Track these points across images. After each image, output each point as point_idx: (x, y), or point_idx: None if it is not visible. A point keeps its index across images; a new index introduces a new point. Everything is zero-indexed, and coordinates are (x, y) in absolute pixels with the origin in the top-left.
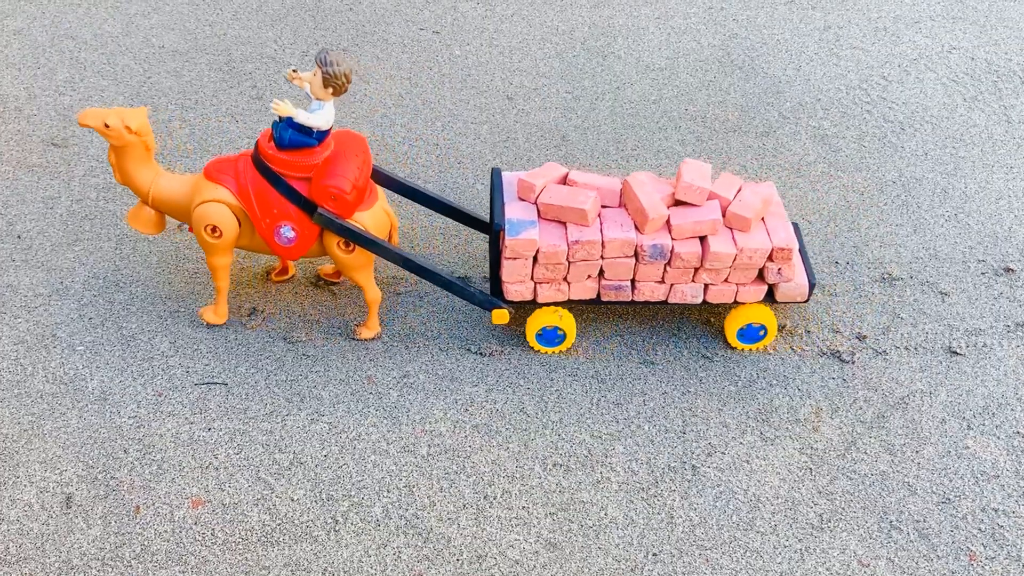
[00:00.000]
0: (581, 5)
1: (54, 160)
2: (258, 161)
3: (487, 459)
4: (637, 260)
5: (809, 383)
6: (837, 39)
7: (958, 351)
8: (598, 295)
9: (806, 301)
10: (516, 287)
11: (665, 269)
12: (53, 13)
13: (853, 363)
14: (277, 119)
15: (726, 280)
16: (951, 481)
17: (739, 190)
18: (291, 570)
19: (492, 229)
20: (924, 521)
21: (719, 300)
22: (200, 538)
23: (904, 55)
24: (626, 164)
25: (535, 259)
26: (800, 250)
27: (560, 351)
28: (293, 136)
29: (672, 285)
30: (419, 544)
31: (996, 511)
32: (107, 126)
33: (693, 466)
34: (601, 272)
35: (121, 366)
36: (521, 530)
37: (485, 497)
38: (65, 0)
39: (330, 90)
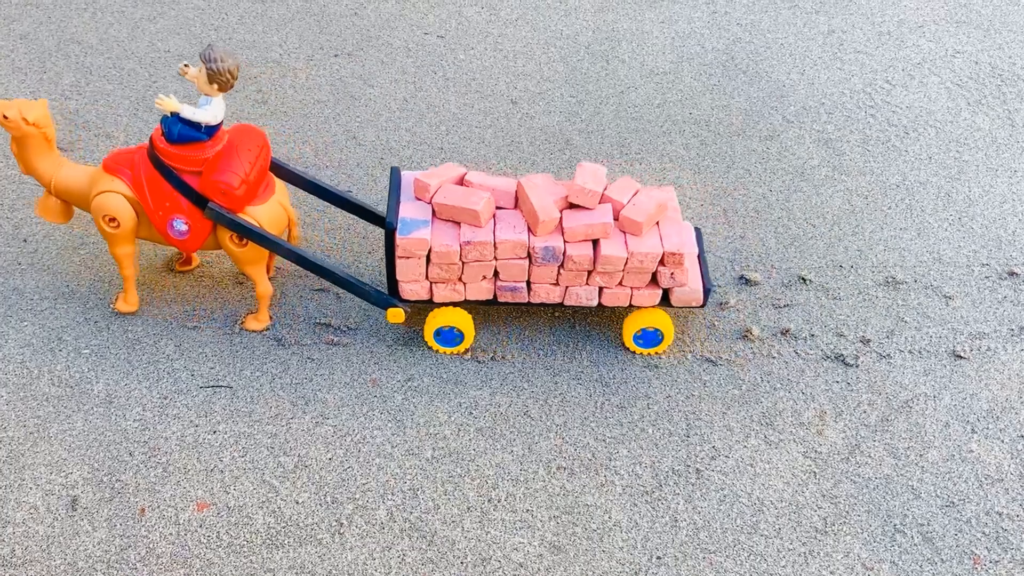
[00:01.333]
0: (585, 9)
1: None
2: (152, 154)
3: (491, 462)
4: (531, 262)
5: (813, 386)
6: (841, 43)
7: (962, 355)
8: (495, 296)
9: (702, 307)
10: (411, 286)
11: (559, 271)
12: (59, 18)
13: (857, 367)
14: (168, 113)
15: (620, 283)
16: (955, 485)
17: (635, 194)
18: (296, 573)
19: (386, 228)
20: (928, 525)
21: (614, 303)
22: (205, 541)
23: (908, 59)
24: (630, 168)
25: (429, 259)
26: (699, 256)
27: (458, 352)
28: (182, 130)
29: (567, 287)
30: (423, 547)
31: (1000, 515)
32: (6, 118)
33: (697, 469)
34: (496, 273)
35: (126, 369)
36: (525, 533)
37: (489, 500)
38: (71, 5)
39: (215, 86)
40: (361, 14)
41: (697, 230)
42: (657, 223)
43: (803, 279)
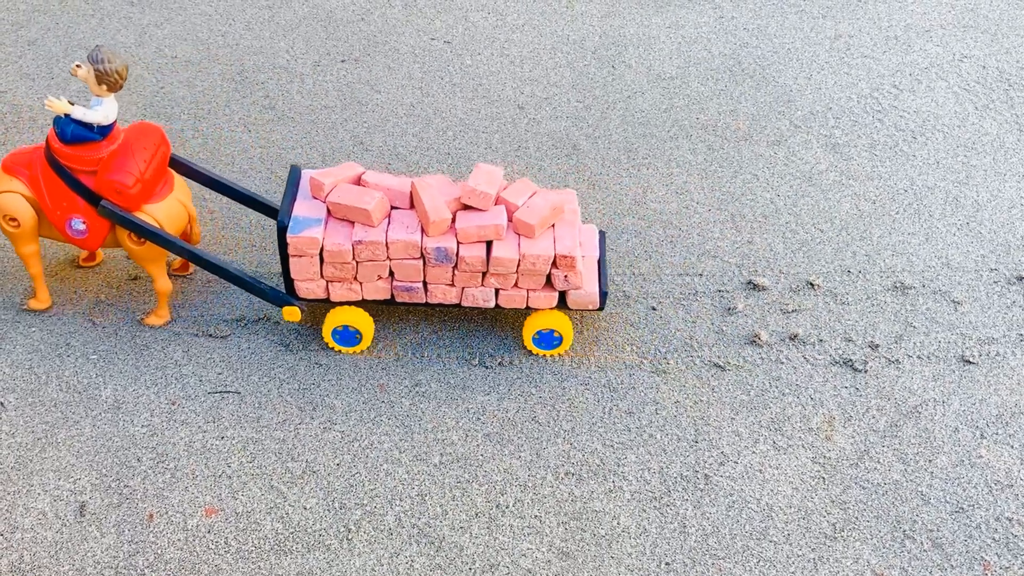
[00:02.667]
0: (592, 15)
1: None
2: (48, 155)
3: (499, 468)
4: (425, 262)
5: (822, 392)
6: (848, 48)
7: (971, 360)
8: (392, 296)
9: (599, 310)
10: (307, 285)
11: (453, 272)
12: (67, 24)
13: (866, 372)
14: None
15: (516, 285)
16: (964, 490)
17: (531, 196)
18: None
19: (278, 225)
20: (938, 530)
21: (511, 305)
22: (213, 546)
23: (915, 64)
24: (637, 173)
25: (322, 258)
26: (599, 259)
27: (358, 351)
28: (75, 131)
29: (463, 288)
30: (431, 553)
31: (1010, 520)
32: None
33: (706, 475)
34: (392, 273)
35: (134, 375)
36: (533, 539)
37: (497, 506)
38: (79, 11)
39: (104, 87)
40: (368, 20)
41: (602, 233)
42: (552, 226)
43: (811, 284)
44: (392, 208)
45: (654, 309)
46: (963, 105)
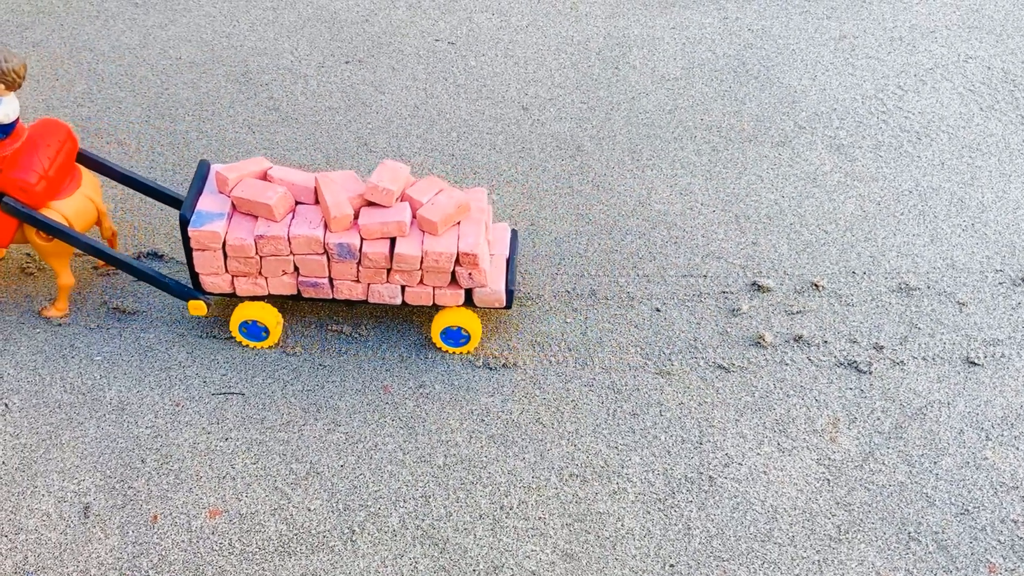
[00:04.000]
0: (596, 16)
1: None
2: None
3: (503, 469)
4: (329, 258)
5: (826, 393)
6: (852, 49)
7: (976, 361)
8: (299, 292)
9: (506, 308)
10: (212, 279)
11: (358, 268)
12: (71, 26)
13: (870, 373)
14: None
15: (421, 282)
16: (970, 492)
17: (437, 193)
18: None
19: (180, 219)
20: (943, 533)
21: (417, 302)
22: (217, 548)
23: (920, 64)
24: (641, 174)
25: (226, 252)
26: (509, 258)
27: (265, 347)
28: None
29: (369, 285)
30: (436, 555)
31: (1016, 522)
32: None
33: (710, 477)
34: (297, 268)
35: (139, 376)
36: (537, 541)
37: (501, 508)
38: (83, 13)
39: (2, 86)
40: (372, 21)
41: (514, 232)
42: (458, 223)
43: (816, 285)
44: (297, 203)
45: (658, 310)
46: (968, 106)
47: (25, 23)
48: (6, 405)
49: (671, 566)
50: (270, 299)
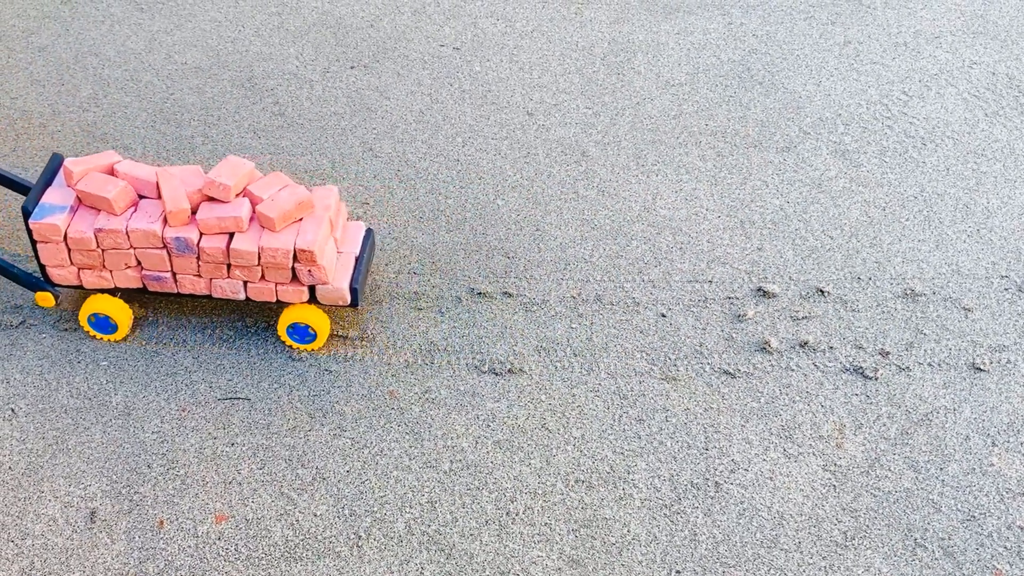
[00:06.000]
0: (600, 21)
1: None
2: None
3: (509, 475)
4: (169, 252)
5: (832, 399)
6: (857, 54)
7: (982, 367)
8: (144, 286)
9: (352, 307)
10: (58, 271)
11: (198, 263)
12: (77, 30)
13: (876, 379)
14: None
15: (263, 278)
16: (976, 498)
17: (280, 190)
18: None
19: (23, 211)
20: (949, 539)
21: (261, 298)
22: (223, 553)
23: (925, 70)
24: (646, 179)
25: (68, 245)
26: (359, 256)
27: (115, 340)
28: None
29: (211, 280)
30: (442, 560)
31: (1022, 529)
32: None
33: (716, 483)
34: (140, 262)
35: (144, 381)
36: (544, 547)
37: (507, 513)
38: (89, 17)
39: None
40: (377, 26)
41: (369, 231)
42: (300, 220)
43: (821, 291)
44: (141, 198)
45: (664, 316)
46: (973, 112)
47: (31, 28)
48: (12, 410)
49: (677, 572)
50: (125, 294)
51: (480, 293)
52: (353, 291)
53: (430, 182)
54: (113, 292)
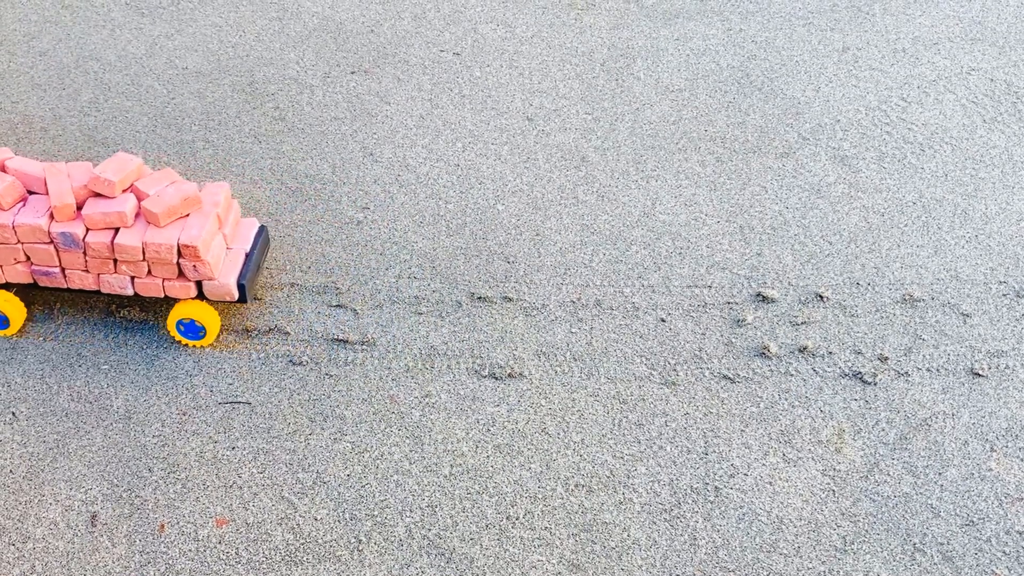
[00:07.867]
0: (600, 27)
1: None
2: None
3: (509, 479)
4: (56, 248)
5: (831, 404)
6: (856, 60)
7: (980, 372)
8: (34, 280)
9: (240, 302)
10: None
11: (85, 258)
12: (78, 35)
13: (875, 384)
14: None
15: (149, 273)
16: (975, 503)
17: (167, 186)
18: None
19: None
20: (948, 544)
21: (148, 293)
22: (224, 557)
23: (923, 76)
24: (646, 185)
25: None
26: (249, 253)
27: (7, 335)
28: None
29: (99, 275)
30: (442, 564)
31: (1021, 533)
32: None
33: (716, 487)
34: (29, 257)
35: (145, 385)
36: (544, 551)
37: (508, 517)
38: (90, 22)
39: None
40: (378, 31)
41: (262, 228)
42: (186, 216)
43: (820, 296)
44: (31, 193)
45: (663, 321)
46: (971, 118)
47: (32, 32)
48: (14, 414)
49: None
50: (20, 290)
51: (480, 297)
52: (240, 287)
53: (430, 187)
54: (7, 287)
